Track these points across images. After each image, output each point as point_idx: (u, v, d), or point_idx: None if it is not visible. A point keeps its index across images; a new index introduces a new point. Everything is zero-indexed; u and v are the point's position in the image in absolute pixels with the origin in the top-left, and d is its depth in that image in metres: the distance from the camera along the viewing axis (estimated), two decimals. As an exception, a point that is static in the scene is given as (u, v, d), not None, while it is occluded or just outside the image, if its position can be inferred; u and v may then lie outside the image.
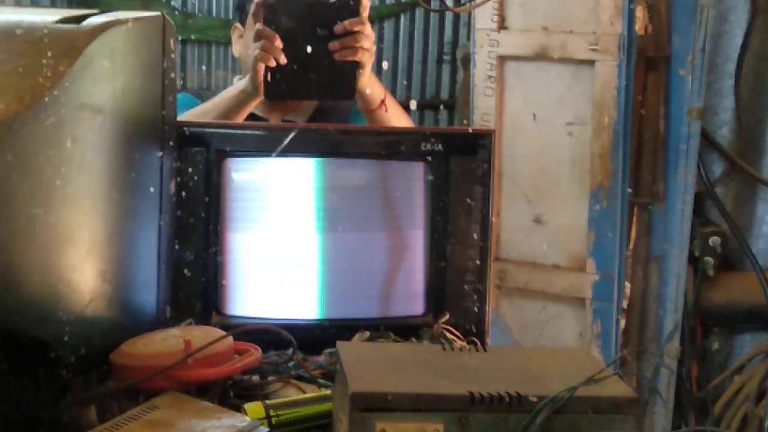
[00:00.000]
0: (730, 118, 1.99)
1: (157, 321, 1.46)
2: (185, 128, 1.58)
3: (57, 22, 1.29)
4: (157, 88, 1.43)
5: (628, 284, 1.99)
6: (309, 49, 1.76)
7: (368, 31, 1.79)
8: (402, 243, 1.66)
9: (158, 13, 1.46)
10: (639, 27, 1.95)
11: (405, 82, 4.39)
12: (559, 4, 1.99)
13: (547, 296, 2.03)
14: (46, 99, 1.19)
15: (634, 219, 1.98)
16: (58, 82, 1.21)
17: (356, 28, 1.75)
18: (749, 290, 1.95)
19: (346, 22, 1.75)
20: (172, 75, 1.46)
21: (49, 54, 1.21)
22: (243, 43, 2.06)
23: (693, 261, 1.95)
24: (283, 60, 1.76)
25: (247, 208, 1.63)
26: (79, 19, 1.31)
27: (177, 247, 1.55)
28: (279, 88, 1.78)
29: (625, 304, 1.97)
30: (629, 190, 1.93)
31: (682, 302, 1.92)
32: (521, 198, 2.03)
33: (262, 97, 1.83)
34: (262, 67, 1.76)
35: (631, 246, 1.99)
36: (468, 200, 1.65)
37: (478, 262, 1.65)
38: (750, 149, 2.05)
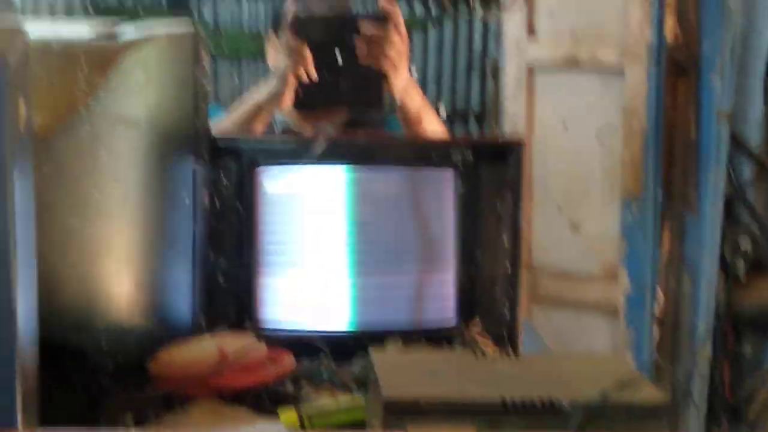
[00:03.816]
0: (760, 119, 1.98)
1: (191, 329, 1.48)
2: (218, 139, 1.60)
3: (92, 36, 1.32)
4: (190, 99, 1.45)
5: (661, 292, 1.98)
6: (338, 61, 1.79)
7: (395, 40, 1.81)
8: (433, 252, 1.66)
9: (191, 26, 1.48)
10: (668, 33, 1.95)
11: (435, 92, 4.39)
12: (588, 12, 2.00)
13: (579, 305, 2.03)
14: (82, 112, 1.22)
15: (666, 226, 1.98)
16: (94, 95, 1.23)
17: (381, 36, 1.78)
18: (781, 294, 1.94)
19: (372, 30, 1.78)
20: (205, 86, 1.48)
21: (85, 68, 1.24)
22: (277, 56, 2.09)
23: (724, 265, 1.94)
24: (313, 73, 1.79)
25: (279, 217, 1.64)
26: (113, 33, 1.34)
27: (212, 256, 1.57)
28: (308, 99, 1.82)
29: (657, 311, 1.96)
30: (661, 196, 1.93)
31: (714, 306, 1.91)
32: (552, 206, 2.03)
33: (278, 109, 1.88)
34: (293, 79, 1.80)
35: (664, 253, 1.98)
36: (499, 208, 1.66)
37: (509, 268, 1.66)
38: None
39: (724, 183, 1.91)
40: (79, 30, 1.34)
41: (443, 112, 3.70)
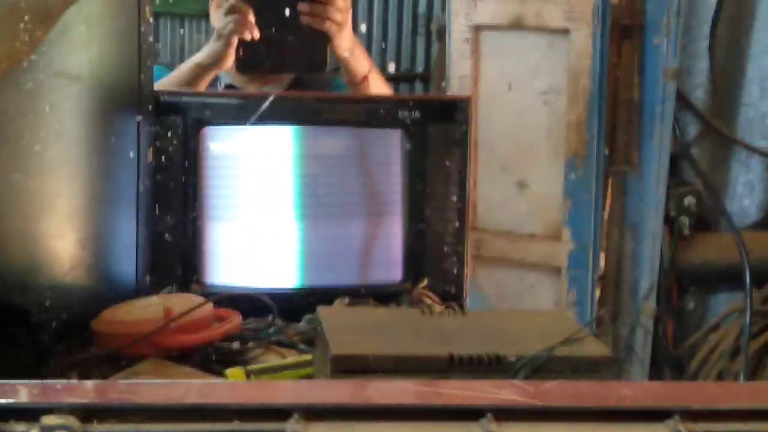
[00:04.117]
0: (705, 80, 2.00)
1: (137, 288, 1.46)
2: (163, 96, 1.58)
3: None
4: (134, 53, 1.43)
5: (603, 254, 2.01)
6: (281, 22, 1.78)
7: (340, 4, 1.81)
8: (380, 210, 1.66)
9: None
10: (613, -5, 1.96)
11: (380, 54, 4.38)
12: (534, -27, 1.99)
13: (523, 265, 2.05)
14: (24, 65, 1.19)
15: (610, 185, 2.00)
16: (35, 47, 1.20)
17: None
18: (724, 250, 1.97)
19: None
20: (149, 40, 1.46)
21: (26, 19, 1.21)
22: (220, 16, 2.06)
23: (668, 222, 1.97)
24: (256, 34, 1.78)
25: (225, 176, 1.63)
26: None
27: (156, 214, 1.55)
28: (251, 60, 1.81)
29: (600, 269, 1.99)
30: (606, 154, 1.94)
31: (658, 262, 1.94)
32: (498, 167, 2.04)
33: (219, 70, 1.86)
34: (235, 40, 1.79)
35: (606, 214, 2.00)
36: (446, 165, 1.66)
37: (456, 225, 1.66)
38: (724, 110, 2.06)
39: (669, 140, 1.93)
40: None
41: (393, 70, 3.70)
